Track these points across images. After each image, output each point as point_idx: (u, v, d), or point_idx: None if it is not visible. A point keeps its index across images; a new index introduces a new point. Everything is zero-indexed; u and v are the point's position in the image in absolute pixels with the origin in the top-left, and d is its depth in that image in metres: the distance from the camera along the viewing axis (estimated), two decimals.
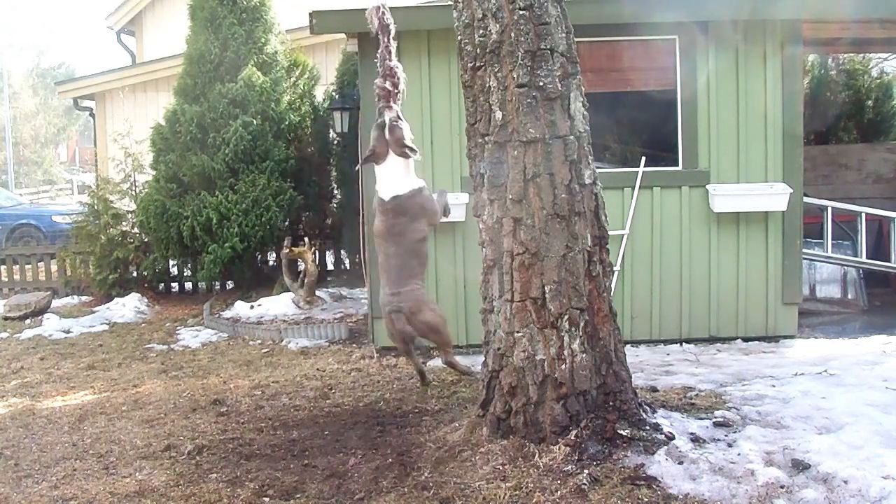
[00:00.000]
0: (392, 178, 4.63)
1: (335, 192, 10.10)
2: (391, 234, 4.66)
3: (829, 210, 7.21)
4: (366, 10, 4.69)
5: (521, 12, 3.55)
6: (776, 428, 3.66)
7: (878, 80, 10.78)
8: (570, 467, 3.32)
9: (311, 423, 4.54)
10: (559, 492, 3.17)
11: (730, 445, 3.47)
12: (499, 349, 3.70)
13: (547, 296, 3.55)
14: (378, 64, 4.70)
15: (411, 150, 4.60)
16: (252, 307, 8.35)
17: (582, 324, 3.59)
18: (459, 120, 5.87)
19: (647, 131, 7.40)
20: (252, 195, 8.80)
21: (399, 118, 4.63)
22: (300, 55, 10.23)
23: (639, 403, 3.72)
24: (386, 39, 4.60)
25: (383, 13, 4.61)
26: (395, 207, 4.64)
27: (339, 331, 7.25)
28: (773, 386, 4.38)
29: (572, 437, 3.47)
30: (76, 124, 35.60)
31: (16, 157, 31.33)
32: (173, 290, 10.10)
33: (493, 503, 3.18)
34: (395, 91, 4.61)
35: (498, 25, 3.57)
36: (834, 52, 9.99)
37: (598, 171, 3.79)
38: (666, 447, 3.40)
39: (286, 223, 9.31)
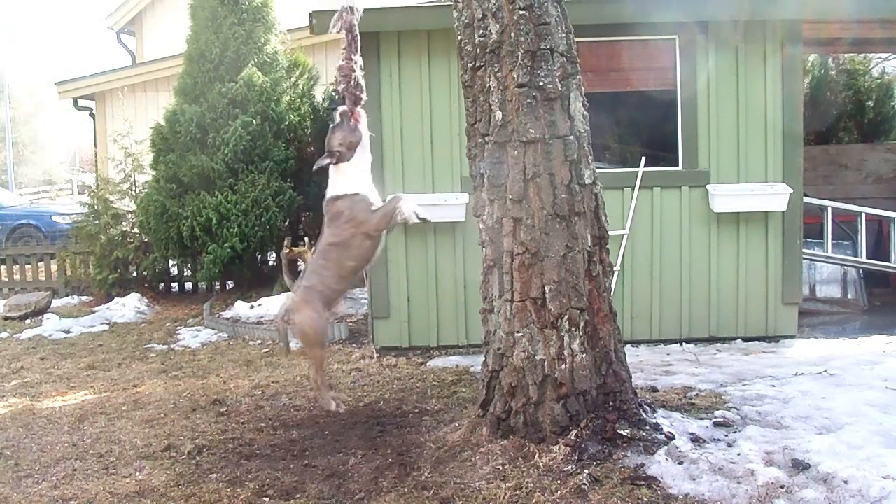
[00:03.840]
0: (333, 180, 4.53)
1: None
2: (323, 231, 4.57)
3: (829, 210, 7.21)
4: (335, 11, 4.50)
5: (521, 12, 3.55)
6: (776, 428, 3.66)
7: (879, 81, 10.79)
8: (570, 467, 3.32)
9: (311, 423, 4.54)
10: (559, 492, 3.17)
11: (730, 445, 3.47)
12: (499, 349, 3.70)
13: (547, 296, 3.55)
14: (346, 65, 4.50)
15: (329, 154, 4.44)
16: (252, 307, 8.35)
17: (582, 324, 3.59)
18: (459, 120, 5.87)
19: (647, 131, 7.39)
20: (252, 195, 8.81)
21: (336, 123, 4.44)
22: (300, 55, 10.24)
23: (639, 403, 3.72)
24: (349, 38, 4.41)
25: (353, 11, 4.42)
26: (325, 208, 4.54)
27: (339, 331, 7.24)
28: (773, 386, 4.38)
29: (572, 437, 3.47)
30: (76, 124, 35.63)
31: (16, 158, 31.33)
32: (173, 290, 10.10)
33: (493, 503, 3.18)
34: (352, 91, 4.42)
35: (498, 25, 3.58)
36: (834, 52, 9.99)
37: (598, 171, 3.79)
38: (666, 447, 3.40)
39: (286, 223, 9.32)
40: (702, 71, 6.22)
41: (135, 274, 9.76)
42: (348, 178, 4.37)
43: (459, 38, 3.76)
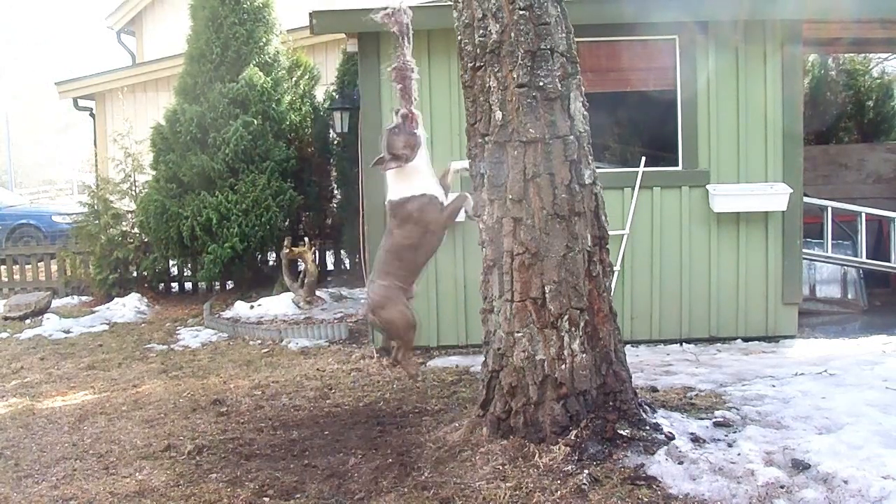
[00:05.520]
0: (392, 183, 4.60)
1: (335, 192, 10.11)
2: (387, 232, 4.68)
3: (829, 210, 7.21)
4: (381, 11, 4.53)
5: (521, 12, 3.55)
6: (776, 428, 3.66)
7: (879, 81, 10.79)
8: (570, 467, 3.32)
9: (311, 423, 4.54)
10: (559, 492, 3.17)
11: (730, 445, 3.47)
12: (499, 349, 3.70)
13: (547, 296, 3.55)
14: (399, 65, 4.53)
15: (388, 159, 4.50)
16: (252, 307, 8.35)
17: (582, 324, 3.59)
18: (459, 120, 5.87)
19: (647, 131, 7.40)
20: (252, 195, 8.81)
21: (397, 126, 4.49)
22: (301, 55, 10.24)
23: (639, 403, 3.72)
24: (403, 39, 4.45)
25: (404, 12, 4.47)
26: (390, 210, 4.64)
27: (339, 331, 7.25)
28: (773, 386, 4.38)
29: (572, 437, 3.47)
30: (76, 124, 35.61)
31: (15, 157, 31.34)
32: (173, 290, 10.10)
33: (493, 503, 3.18)
34: (408, 92, 4.47)
35: (498, 25, 3.58)
36: (834, 52, 9.99)
37: (598, 171, 3.79)
38: (666, 447, 3.40)
39: (286, 223, 9.32)
40: (702, 71, 6.22)
41: (135, 274, 9.76)
42: (413, 180, 4.43)
43: (459, 38, 3.76)
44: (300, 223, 9.78)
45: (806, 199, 6.62)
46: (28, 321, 9.00)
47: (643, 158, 6.27)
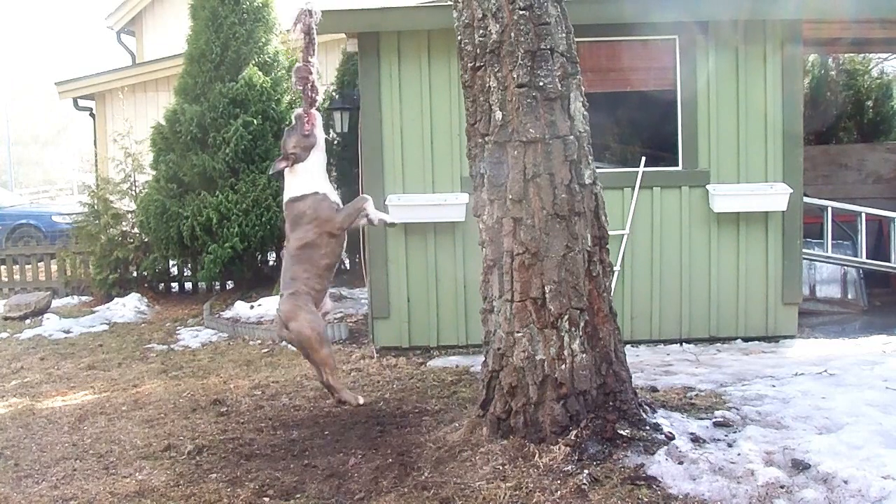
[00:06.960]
0: (286, 183, 4.59)
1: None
2: (287, 236, 4.61)
3: (829, 210, 7.21)
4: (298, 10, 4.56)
5: (521, 12, 3.55)
6: (776, 428, 3.66)
7: (879, 81, 10.80)
8: (570, 467, 3.32)
9: (311, 423, 4.54)
10: (559, 492, 3.17)
11: (730, 445, 3.47)
12: (499, 349, 3.70)
13: (547, 296, 3.55)
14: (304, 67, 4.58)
15: (278, 159, 4.48)
16: (252, 307, 8.35)
17: (582, 324, 3.59)
18: (459, 120, 5.87)
19: (647, 131, 7.40)
20: (252, 195, 8.81)
21: (291, 126, 4.55)
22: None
23: (639, 403, 3.72)
24: (307, 40, 4.52)
25: (311, 14, 4.52)
26: (285, 210, 4.59)
27: (339, 331, 7.24)
28: (773, 386, 4.38)
29: (572, 437, 3.47)
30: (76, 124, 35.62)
31: (15, 157, 31.34)
32: (173, 290, 10.10)
33: (493, 503, 3.18)
34: (308, 93, 4.53)
35: (498, 25, 3.58)
36: (834, 52, 9.99)
37: (598, 171, 3.79)
38: (666, 447, 3.40)
39: None
40: (702, 71, 6.22)
41: (135, 274, 9.77)
42: (304, 179, 4.47)
43: (459, 38, 3.76)
44: None
45: (806, 199, 6.62)
46: (28, 321, 9.00)
47: (643, 158, 6.27)
